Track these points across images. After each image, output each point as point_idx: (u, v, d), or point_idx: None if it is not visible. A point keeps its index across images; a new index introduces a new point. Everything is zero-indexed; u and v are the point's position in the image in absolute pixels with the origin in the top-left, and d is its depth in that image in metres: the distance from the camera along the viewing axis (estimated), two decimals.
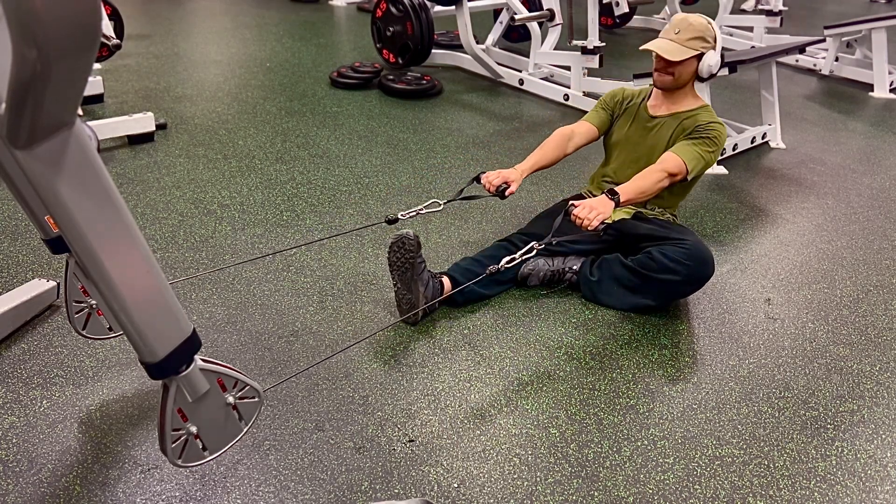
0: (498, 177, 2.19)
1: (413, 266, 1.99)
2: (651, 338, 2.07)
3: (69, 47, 0.71)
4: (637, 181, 2.10)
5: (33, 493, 1.45)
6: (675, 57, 2.18)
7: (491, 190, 2.18)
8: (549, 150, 2.32)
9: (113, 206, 0.92)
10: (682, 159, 2.12)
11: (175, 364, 1.07)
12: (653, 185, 2.10)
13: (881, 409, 1.85)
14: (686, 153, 2.14)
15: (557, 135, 2.35)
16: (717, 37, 2.24)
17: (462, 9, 4.18)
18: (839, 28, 4.87)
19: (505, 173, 2.20)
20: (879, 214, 2.96)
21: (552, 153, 2.32)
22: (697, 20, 2.22)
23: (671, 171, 2.11)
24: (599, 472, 1.59)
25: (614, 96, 2.45)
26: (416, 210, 2.13)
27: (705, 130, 2.19)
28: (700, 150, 2.16)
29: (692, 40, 2.19)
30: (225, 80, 4.19)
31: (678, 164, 2.12)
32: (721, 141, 2.21)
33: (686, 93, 2.32)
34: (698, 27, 2.20)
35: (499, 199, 2.20)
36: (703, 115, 2.26)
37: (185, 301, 2.10)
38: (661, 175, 2.10)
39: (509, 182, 2.18)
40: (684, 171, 2.13)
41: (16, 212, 2.53)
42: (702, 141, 2.17)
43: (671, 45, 2.20)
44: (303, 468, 1.54)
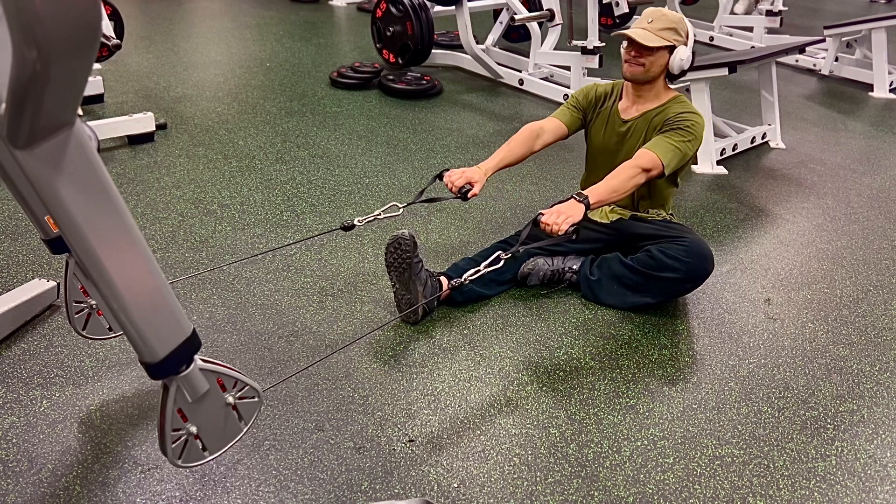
0: (461, 177, 2.10)
1: (410, 266, 1.99)
2: (651, 338, 2.07)
3: (69, 47, 0.71)
4: (608, 180, 2.03)
5: (33, 493, 1.45)
6: (648, 42, 2.10)
7: (453, 191, 2.10)
8: (515, 147, 2.23)
9: (113, 206, 0.92)
10: (655, 153, 2.05)
11: (175, 364, 1.07)
12: (625, 182, 2.02)
13: (881, 409, 1.85)
14: (659, 147, 2.07)
15: (525, 131, 2.26)
16: (690, 33, 2.18)
17: (462, 9, 4.18)
18: (839, 28, 4.87)
19: (468, 173, 2.11)
20: (879, 214, 2.96)
21: (519, 150, 2.23)
22: (671, 12, 2.16)
23: (644, 166, 2.03)
24: (599, 472, 1.59)
25: (587, 94, 2.35)
26: (373, 216, 2.03)
27: (676, 121, 2.12)
28: (673, 142, 2.08)
29: (665, 30, 2.13)
30: (225, 80, 4.19)
31: (651, 158, 2.04)
32: (697, 129, 2.12)
33: (656, 91, 2.22)
34: (672, 18, 2.14)
35: (461, 200, 2.11)
36: (674, 107, 2.18)
37: (185, 301, 2.10)
38: (634, 171, 2.03)
39: (473, 182, 2.09)
40: (659, 165, 2.04)
41: (16, 212, 2.53)
42: (674, 132, 2.10)
43: (644, 32, 2.13)
44: (303, 468, 1.54)
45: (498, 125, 3.75)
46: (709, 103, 3.33)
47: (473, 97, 4.20)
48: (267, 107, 3.78)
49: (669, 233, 2.15)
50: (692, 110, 2.17)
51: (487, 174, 2.15)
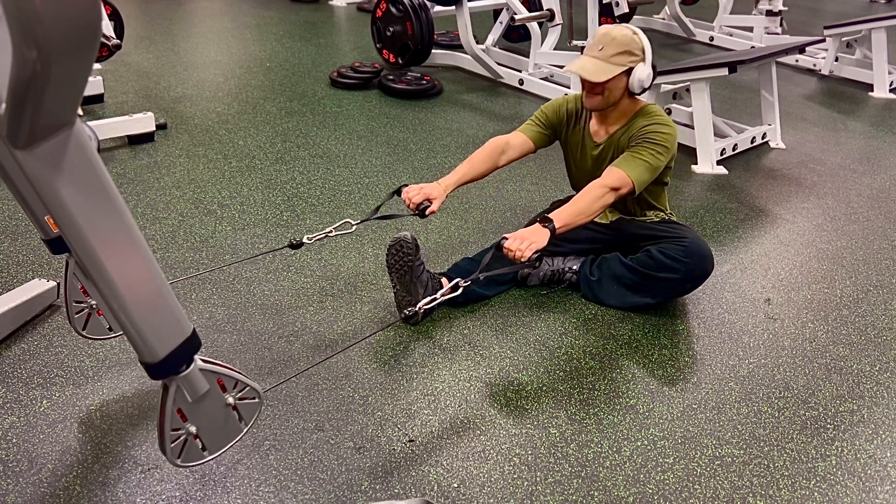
0: (419, 193, 2.03)
1: (412, 268, 1.98)
2: (651, 338, 2.07)
3: (69, 47, 0.71)
4: (575, 202, 1.97)
5: (33, 493, 1.45)
6: (599, 78, 2.02)
7: (411, 207, 2.04)
8: (478, 162, 2.16)
9: (113, 206, 0.92)
10: (623, 171, 1.99)
11: (175, 364, 1.07)
12: (592, 202, 1.96)
13: (881, 409, 1.85)
14: (625, 164, 2.01)
15: (490, 146, 2.19)
16: (646, 48, 2.06)
17: (462, 9, 4.18)
18: (839, 28, 4.87)
19: (427, 189, 2.05)
20: (879, 214, 2.96)
21: (482, 166, 2.16)
22: (622, 33, 2.04)
23: (612, 185, 1.98)
24: (599, 472, 1.59)
25: (557, 111, 2.27)
26: (324, 233, 1.97)
27: (641, 136, 2.05)
28: (641, 157, 2.02)
29: (617, 56, 2.02)
30: (225, 80, 4.19)
31: (619, 176, 1.98)
32: (664, 137, 2.04)
33: (620, 109, 2.13)
34: (622, 41, 2.03)
35: (419, 217, 2.05)
36: (639, 121, 2.10)
37: (185, 301, 2.10)
38: (602, 191, 1.97)
39: (431, 199, 2.03)
40: (628, 182, 1.99)
41: (16, 212, 2.53)
42: (640, 147, 2.03)
43: (595, 63, 2.04)
44: (303, 468, 1.54)
45: (498, 125, 3.75)
46: (709, 103, 3.33)
47: (473, 97, 4.20)
48: (267, 107, 3.78)
49: (669, 233, 2.14)
50: (658, 121, 2.09)
51: (447, 190, 2.09)
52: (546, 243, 1.86)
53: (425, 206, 2.04)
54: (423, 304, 1.68)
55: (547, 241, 1.87)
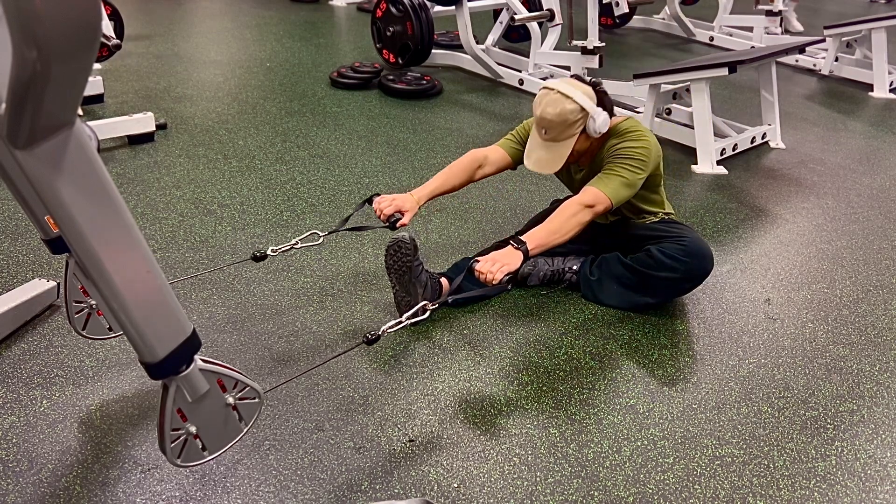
0: (390, 205, 2.01)
1: (410, 269, 1.98)
2: (651, 338, 2.07)
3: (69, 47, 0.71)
4: (548, 222, 1.94)
5: (33, 493, 1.45)
6: (555, 168, 2.02)
7: (382, 219, 2.01)
8: (454, 175, 2.14)
9: (113, 206, 0.92)
10: (597, 188, 1.97)
11: (175, 364, 1.07)
12: (566, 221, 1.92)
13: (881, 409, 1.85)
14: (600, 182, 1.99)
15: (468, 159, 2.17)
16: (584, 103, 1.97)
17: (462, 9, 4.18)
18: (839, 28, 4.87)
19: (399, 201, 2.02)
20: (879, 214, 2.96)
21: (457, 179, 2.14)
22: (555, 110, 1.96)
23: (586, 202, 1.94)
24: (599, 472, 1.59)
25: None
26: (290, 245, 1.93)
27: (614, 153, 2.03)
28: (614, 173, 1.99)
29: (562, 133, 1.99)
30: (225, 80, 4.19)
31: (593, 193, 1.96)
32: (632, 152, 2.00)
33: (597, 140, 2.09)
34: (560, 119, 1.96)
35: (389, 229, 2.02)
36: (610, 141, 2.07)
37: (185, 301, 2.10)
38: (576, 209, 1.94)
39: (403, 211, 2.01)
40: (603, 199, 1.95)
41: (16, 212, 2.53)
42: (613, 164, 2.01)
43: (547, 150, 2.03)
44: (303, 468, 1.54)
45: (498, 125, 3.75)
46: (709, 103, 3.33)
47: (473, 97, 4.20)
48: (267, 107, 3.78)
49: (669, 232, 2.14)
50: (629, 136, 2.04)
51: (420, 202, 2.06)
52: (519, 266, 1.82)
53: (396, 218, 2.00)
54: (387, 328, 1.58)
55: (519, 265, 1.83)
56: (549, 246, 1.92)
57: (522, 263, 1.84)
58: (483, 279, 1.79)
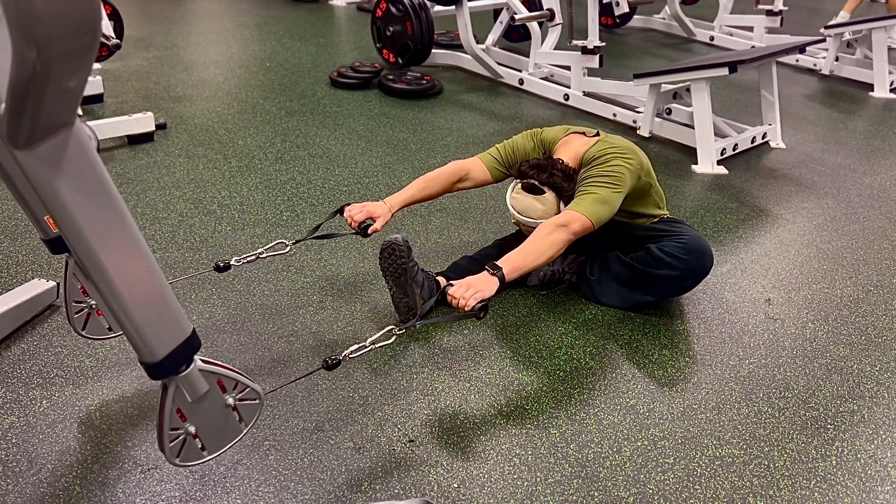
0: (361, 212, 2.00)
1: (406, 270, 1.97)
2: (651, 338, 2.07)
3: (69, 47, 0.71)
4: (524, 244, 1.86)
5: (33, 493, 1.45)
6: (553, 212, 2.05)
7: (353, 226, 2.00)
8: (432, 184, 2.13)
9: (113, 206, 0.92)
10: (573, 209, 1.93)
11: (175, 364, 1.07)
12: (541, 240, 1.86)
13: (881, 409, 1.84)
14: (575, 203, 1.95)
15: (449, 170, 2.16)
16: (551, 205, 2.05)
17: (462, 9, 4.18)
18: (839, 28, 4.87)
19: (370, 208, 2.01)
20: (879, 214, 2.96)
21: (435, 189, 2.14)
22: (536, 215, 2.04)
23: (560, 222, 1.89)
24: (599, 472, 1.59)
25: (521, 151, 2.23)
26: (255, 254, 1.87)
27: (587, 176, 2.01)
28: (588, 192, 1.96)
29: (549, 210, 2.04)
30: (225, 80, 4.19)
31: (568, 213, 1.91)
32: (606, 171, 1.99)
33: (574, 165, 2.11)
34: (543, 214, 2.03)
35: (361, 236, 2.01)
36: (581, 171, 2.06)
37: (185, 301, 2.10)
38: (550, 228, 1.88)
39: (374, 217, 2.00)
40: (577, 216, 1.90)
41: (16, 212, 2.53)
42: (589, 184, 1.98)
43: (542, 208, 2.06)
44: (303, 468, 1.54)
45: (498, 125, 3.75)
46: (709, 103, 3.32)
47: (473, 97, 4.20)
48: (267, 107, 3.78)
49: (668, 231, 2.13)
50: (599, 163, 2.02)
51: (393, 209, 2.05)
52: (494, 292, 1.74)
53: (367, 224, 1.99)
54: (349, 353, 1.51)
55: (494, 291, 1.74)
56: (526, 269, 1.85)
57: (498, 290, 1.76)
58: (456, 304, 1.71)
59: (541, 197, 2.05)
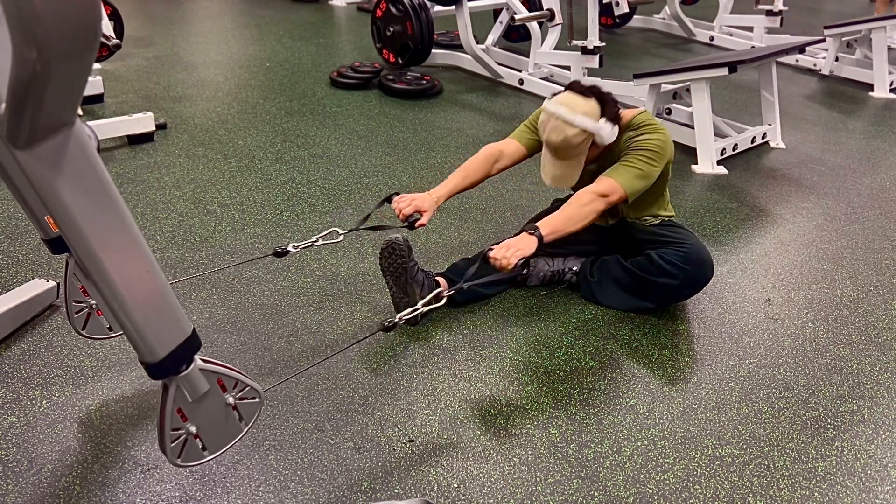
0: (410, 205, 2.02)
1: (406, 269, 1.98)
2: (651, 338, 2.07)
3: (69, 47, 0.71)
4: (564, 208, 1.95)
5: (33, 493, 1.45)
6: (572, 182, 2.05)
7: (401, 218, 2.03)
8: (471, 171, 2.15)
9: (113, 206, 0.92)
10: (615, 180, 1.96)
11: (175, 364, 1.07)
12: (581, 208, 1.92)
13: (881, 409, 1.85)
14: (615, 172, 1.99)
15: (483, 154, 2.17)
16: (587, 123, 1.96)
17: (462, 9, 4.18)
18: (839, 28, 4.87)
19: (418, 201, 2.03)
20: (879, 214, 2.96)
21: (475, 175, 2.15)
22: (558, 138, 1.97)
23: (601, 191, 1.94)
24: (599, 472, 1.59)
25: None
26: (310, 241, 1.95)
27: (633, 146, 2.03)
28: (633, 165, 1.99)
29: (571, 153, 2.00)
30: (225, 80, 4.19)
31: (609, 183, 1.96)
32: (651, 144, 2.00)
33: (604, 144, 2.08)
34: (564, 145, 1.98)
35: (408, 229, 2.04)
36: (626, 134, 2.07)
37: (185, 301, 2.10)
38: (591, 197, 1.94)
39: (422, 211, 2.03)
40: (618, 189, 1.95)
41: (16, 212, 2.53)
42: (632, 156, 2.00)
43: (560, 168, 2.03)
44: (303, 468, 1.54)
45: (498, 125, 3.75)
46: (709, 103, 3.32)
47: (473, 97, 4.20)
48: (267, 107, 3.78)
49: (670, 237, 2.13)
50: (646, 130, 2.04)
51: (439, 202, 2.07)
52: (533, 251, 1.83)
53: (415, 218, 2.02)
54: (404, 315, 1.63)
55: (534, 250, 1.83)
56: (563, 233, 1.92)
57: (537, 249, 1.85)
58: (498, 265, 1.80)
59: (588, 99, 2.01)
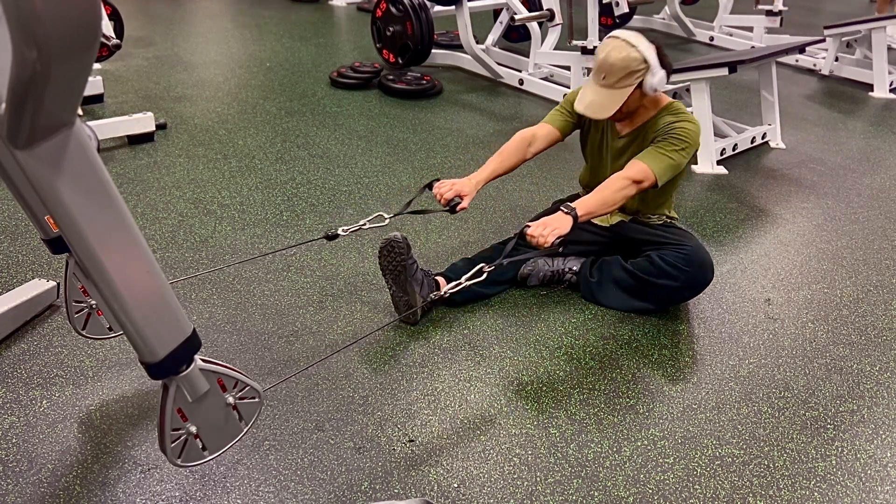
0: (451, 189, 2.06)
1: (405, 268, 1.98)
2: (651, 338, 2.07)
3: (69, 47, 0.71)
4: (598, 191, 1.99)
5: (33, 493, 1.45)
6: (606, 114, 2.03)
7: (442, 203, 2.06)
8: (507, 156, 2.18)
9: (113, 206, 0.92)
10: (647, 165, 1.99)
11: (175, 364, 1.07)
12: (615, 193, 1.97)
13: (881, 409, 1.85)
14: (649, 157, 2.01)
15: (517, 139, 2.21)
16: (648, 55, 1.99)
17: (462, 9, 4.18)
18: (839, 28, 4.87)
19: (459, 185, 2.07)
20: (879, 214, 2.96)
21: (511, 159, 2.19)
22: (619, 56, 1.98)
23: (634, 177, 1.98)
24: (599, 472, 1.59)
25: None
26: (358, 225, 2.01)
27: (668, 131, 2.05)
28: (665, 152, 2.02)
29: (621, 80, 1.99)
30: (225, 80, 4.19)
31: (642, 169, 1.99)
32: (688, 134, 2.03)
33: (645, 106, 2.12)
34: (622, 65, 1.98)
35: (449, 213, 2.07)
36: (666, 117, 2.09)
37: (185, 301, 2.10)
38: (624, 183, 1.98)
39: (462, 195, 2.06)
40: (651, 176, 1.99)
41: (16, 212, 2.53)
42: (665, 142, 2.03)
43: (601, 96, 2.03)
44: (303, 468, 1.54)
45: (498, 125, 3.75)
46: (709, 103, 3.33)
47: (473, 97, 4.20)
48: (267, 107, 3.78)
49: (670, 239, 2.13)
50: (685, 118, 2.07)
51: (478, 186, 2.10)
52: (569, 230, 1.88)
53: (456, 202, 2.06)
54: (448, 289, 1.78)
55: (570, 229, 1.88)
56: (597, 214, 1.99)
57: (572, 228, 1.89)
58: (535, 243, 1.86)
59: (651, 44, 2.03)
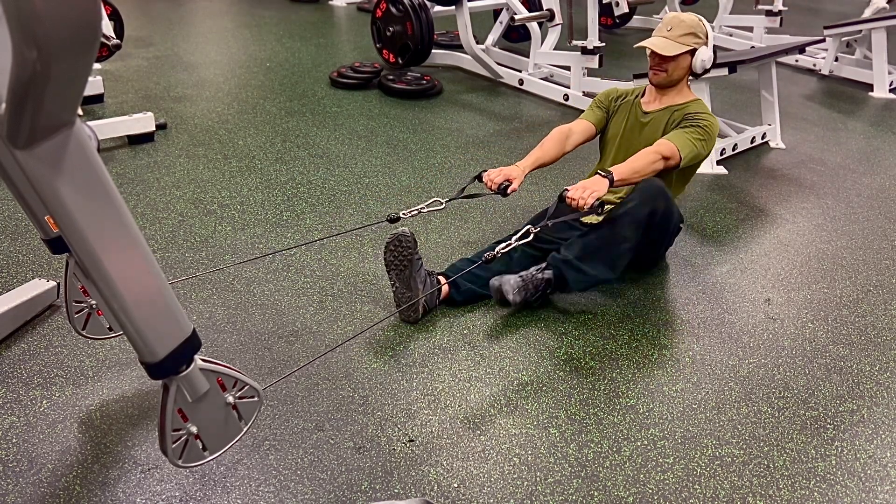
0: (500, 174, 2.19)
1: (411, 263, 1.99)
2: (651, 338, 2.07)
3: (69, 47, 0.71)
4: (632, 161, 2.15)
5: (33, 493, 1.45)
6: (668, 52, 2.26)
7: (493, 188, 2.18)
8: (548, 147, 2.33)
9: (113, 206, 0.92)
10: (675, 144, 2.16)
11: (175, 364, 1.07)
12: (647, 165, 2.14)
13: (881, 409, 1.85)
14: (678, 139, 2.18)
15: (556, 133, 2.37)
16: (709, 33, 2.33)
17: (462, 9, 4.18)
18: (839, 28, 4.87)
19: (507, 170, 2.20)
20: (879, 214, 2.96)
21: (552, 151, 2.33)
22: (689, 17, 2.31)
23: (664, 153, 2.15)
24: (599, 472, 1.59)
25: (608, 95, 2.50)
26: (417, 209, 2.11)
27: (695, 119, 2.24)
28: (691, 138, 2.20)
29: (684, 36, 2.28)
30: (225, 80, 4.19)
31: (670, 147, 2.16)
32: (712, 131, 2.24)
33: (679, 89, 2.38)
34: (690, 24, 2.29)
35: (500, 196, 2.20)
36: (694, 106, 2.31)
37: (185, 301, 2.10)
38: (656, 157, 2.14)
39: (511, 179, 2.18)
40: (677, 155, 2.16)
41: (16, 212, 2.53)
42: (693, 129, 2.22)
43: (664, 41, 2.29)
44: (303, 468, 1.54)
45: (498, 125, 3.75)
46: (709, 103, 3.32)
47: (473, 97, 4.20)
48: (267, 107, 3.78)
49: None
50: (709, 115, 2.28)
51: (525, 171, 2.24)
52: (605, 191, 2.05)
53: (506, 185, 2.17)
54: (500, 250, 1.92)
55: (606, 191, 2.06)
56: (630, 181, 2.13)
57: (608, 189, 2.07)
58: (574, 205, 2.02)
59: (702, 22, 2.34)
